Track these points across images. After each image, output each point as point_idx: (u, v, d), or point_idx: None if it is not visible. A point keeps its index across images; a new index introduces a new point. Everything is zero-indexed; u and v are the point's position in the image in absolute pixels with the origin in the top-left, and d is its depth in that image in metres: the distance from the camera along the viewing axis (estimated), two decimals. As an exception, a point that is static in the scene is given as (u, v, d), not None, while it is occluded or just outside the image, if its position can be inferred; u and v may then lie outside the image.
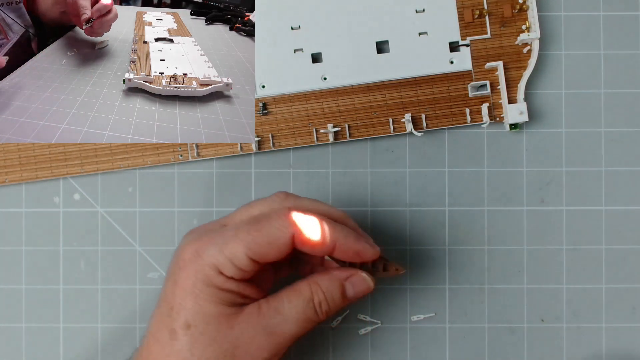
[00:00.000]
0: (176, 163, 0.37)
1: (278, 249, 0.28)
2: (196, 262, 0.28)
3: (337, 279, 0.29)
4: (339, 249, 0.28)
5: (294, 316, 0.28)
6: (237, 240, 0.27)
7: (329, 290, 0.29)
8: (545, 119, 0.37)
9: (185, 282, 0.28)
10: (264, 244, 0.27)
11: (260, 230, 0.27)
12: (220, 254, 0.27)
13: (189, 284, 0.27)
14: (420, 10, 0.36)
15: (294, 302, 0.28)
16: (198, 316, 0.27)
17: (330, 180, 0.37)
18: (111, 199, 0.37)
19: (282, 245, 0.28)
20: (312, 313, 0.28)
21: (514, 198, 0.37)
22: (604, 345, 0.37)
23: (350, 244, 0.28)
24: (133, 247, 0.37)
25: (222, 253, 0.27)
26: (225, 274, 0.27)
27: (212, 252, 0.27)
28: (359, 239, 0.29)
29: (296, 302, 0.28)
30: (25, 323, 0.37)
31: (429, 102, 0.36)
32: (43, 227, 0.37)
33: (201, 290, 0.27)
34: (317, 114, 0.37)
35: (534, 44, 0.36)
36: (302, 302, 0.28)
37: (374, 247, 0.29)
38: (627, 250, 0.37)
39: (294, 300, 0.28)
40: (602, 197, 0.37)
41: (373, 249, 0.29)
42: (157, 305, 0.29)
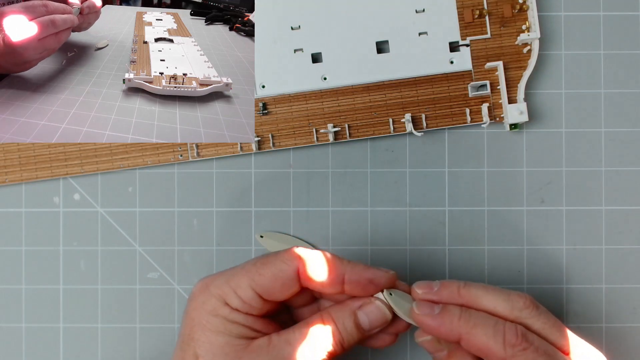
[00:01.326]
0: (176, 163, 0.37)
1: (283, 283, 0.27)
2: (203, 294, 0.28)
3: (349, 308, 0.28)
4: (349, 281, 0.28)
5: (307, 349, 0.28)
6: (242, 272, 0.28)
7: (341, 319, 0.28)
8: (545, 119, 0.37)
9: (193, 313, 0.28)
10: (269, 277, 0.27)
11: (265, 264, 0.28)
12: (226, 285, 0.28)
13: (196, 314, 0.28)
14: (420, 10, 0.36)
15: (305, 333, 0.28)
16: (205, 346, 0.27)
17: (330, 180, 0.37)
18: (111, 199, 0.37)
19: (287, 279, 0.27)
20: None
21: (514, 198, 0.37)
22: (604, 345, 0.37)
23: (360, 272, 0.28)
24: (133, 247, 0.37)
25: (227, 284, 0.28)
26: (231, 305, 0.28)
27: (218, 284, 0.28)
28: (369, 267, 0.28)
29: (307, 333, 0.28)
30: (25, 323, 0.37)
31: (429, 102, 0.36)
32: (43, 227, 0.37)
33: (208, 321, 0.27)
34: (317, 114, 0.37)
35: (534, 44, 0.36)
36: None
37: (388, 271, 0.28)
38: (627, 250, 0.37)
39: (304, 330, 0.28)
40: (602, 197, 0.37)
41: (387, 274, 0.28)
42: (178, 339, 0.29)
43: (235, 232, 0.37)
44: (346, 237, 0.37)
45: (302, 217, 0.37)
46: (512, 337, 0.26)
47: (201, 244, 0.37)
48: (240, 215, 0.37)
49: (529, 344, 0.26)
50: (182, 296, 0.37)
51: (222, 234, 0.37)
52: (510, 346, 0.26)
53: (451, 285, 0.28)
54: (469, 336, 0.27)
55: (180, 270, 0.37)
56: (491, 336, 0.26)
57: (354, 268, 0.28)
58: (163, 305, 0.37)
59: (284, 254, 0.28)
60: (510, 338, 0.26)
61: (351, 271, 0.28)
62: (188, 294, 0.37)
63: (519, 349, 0.26)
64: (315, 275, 0.28)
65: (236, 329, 0.28)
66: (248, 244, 0.37)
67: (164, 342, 0.37)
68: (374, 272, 0.28)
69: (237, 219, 0.37)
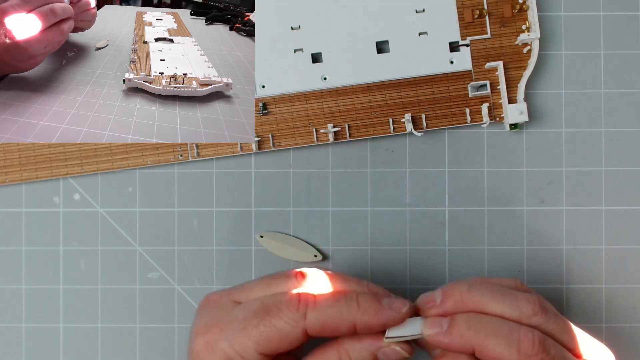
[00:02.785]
0: (176, 163, 0.37)
1: (290, 343, 0.26)
2: (208, 355, 0.27)
3: (369, 349, 0.26)
4: (360, 328, 0.26)
5: None
6: (245, 335, 0.26)
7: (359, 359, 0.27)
8: (545, 119, 0.37)
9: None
10: (275, 340, 0.26)
11: (269, 325, 0.26)
12: (231, 349, 0.26)
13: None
14: (420, 10, 0.36)
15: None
16: None
17: (330, 180, 0.37)
18: (111, 199, 0.37)
19: (295, 339, 0.26)
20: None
21: (514, 198, 0.37)
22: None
23: (370, 319, 0.26)
24: (133, 247, 0.37)
25: (232, 348, 0.26)
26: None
27: (222, 347, 0.27)
28: (380, 311, 0.26)
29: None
30: (25, 323, 0.37)
31: (429, 102, 0.36)
32: (43, 227, 0.37)
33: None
34: (317, 114, 0.37)
35: (534, 44, 0.36)
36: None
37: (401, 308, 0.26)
38: (627, 250, 0.37)
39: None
40: (602, 197, 0.37)
41: (400, 314, 0.26)
42: None
43: (235, 232, 0.37)
44: (346, 237, 0.37)
45: (302, 217, 0.37)
46: (529, 347, 0.25)
47: (201, 244, 0.37)
48: (240, 215, 0.37)
49: (545, 353, 0.25)
50: (182, 296, 0.37)
51: (222, 234, 0.37)
52: (526, 357, 0.25)
53: (454, 293, 0.27)
54: (482, 348, 0.25)
55: (180, 270, 0.37)
56: (505, 347, 0.25)
57: (364, 315, 0.26)
58: (163, 305, 0.37)
59: (288, 311, 0.26)
60: (526, 348, 0.25)
61: (361, 319, 0.26)
62: (188, 294, 0.37)
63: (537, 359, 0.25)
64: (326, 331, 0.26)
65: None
66: (248, 244, 0.37)
67: (164, 342, 0.37)
68: (387, 317, 0.26)
69: (237, 219, 0.37)
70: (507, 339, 0.25)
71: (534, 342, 0.25)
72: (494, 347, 0.25)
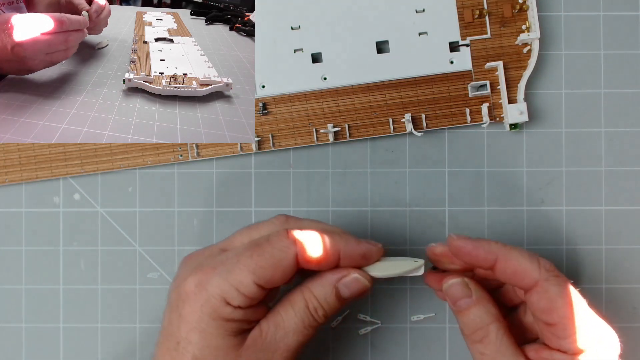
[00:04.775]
0: (176, 163, 0.37)
1: (283, 270, 0.27)
2: (200, 295, 0.27)
3: (329, 282, 0.29)
4: (343, 257, 0.28)
5: (293, 327, 0.28)
6: (241, 266, 0.27)
7: (322, 295, 0.28)
8: (545, 119, 0.37)
9: (190, 316, 0.27)
10: (269, 267, 0.27)
11: (262, 254, 0.27)
12: (226, 283, 0.27)
13: (194, 318, 0.27)
14: (420, 10, 0.36)
15: (290, 313, 0.28)
16: (206, 350, 0.27)
17: (330, 180, 0.37)
18: (111, 199, 0.37)
19: (287, 266, 0.27)
20: (310, 320, 0.28)
21: (514, 198, 0.37)
22: (604, 345, 0.37)
23: (353, 248, 0.28)
24: (133, 247, 0.37)
25: (227, 282, 0.27)
26: (232, 304, 0.27)
27: (217, 282, 0.27)
28: (361, 242, 0.28)
29: (292, 314, 0.28)
30: (25, 323, 0.37)
31: (429, 102, 0.36)
32: (43, 227, 0.37)
33: (207, 324, 0.27)
34: (317, 114, 0.37)
35: (534, 44, 0.36)
36: (299, 311, 0.28)
37: (376, 244, 0.29)
38: (627, 250, 0.37)
39: (290, 311, 0.28)
40: (602, 197, 0.37)
41: (376, 247, 0.29)
42: (161, 336, 0.29)
43: (235, 232, 0.37)
44: (346, 237, 0.37)
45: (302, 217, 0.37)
46: (547, 264, 0.28)
47: (201, 244, 0.37)
48: (240, 215, 0.37)
49: (562, 276, 0.28)
50: (182, 296, 0.37)
51: (222, 234, 0.37)
52: (545, 270, 0.28)
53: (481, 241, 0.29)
54: (506, 258, 0.28)
55: (180, 270, 0.37)
56: (527, 259, 0.28)
57: (348, 244, 0.28)
58: (163, 305, 0.37)
59: (279, 241, 0.27)
60: (545, 264, 0.28)
61: (345, 248, 0.28)
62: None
63: (553, 274, 0.28)
64: (314, 257, 0.28)
65: (234, 326, 0.27)
66: (248, 244, 0.37)
67: (164, 342, 0.37)
68: (366, 247, 0.28)
69: (237, 219, 0.37)
70: (529, 255, 0.28)
71: (552, 264, 0.28)
72: (518, 258, 0.28)
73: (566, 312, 0.27)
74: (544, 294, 0.27)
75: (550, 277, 0.27)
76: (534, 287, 0.28)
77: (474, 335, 0.28)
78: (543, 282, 0.27)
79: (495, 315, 0.28)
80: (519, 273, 0.28)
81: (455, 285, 0.29)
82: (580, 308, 0.28)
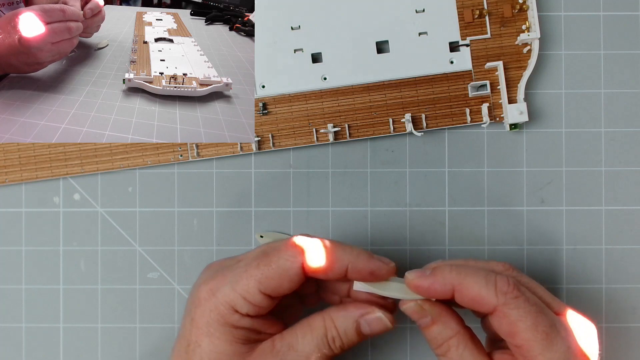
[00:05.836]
0: (176, 163, 0.37)
1: (290, 280, 0.27)
2: (210, 301, 0.28)
3: (352, 316, 0.28)
4: (351, 270, 0.28)
5: (307, 352, 0.28)
6: (247, 276, 0.27)
7: (343, 327, 0.28)
8: (545, 119, 0.37)
9: (200, 320, 0.28)
10: (275, 277, 0.27)
11: (269, 263, 0.27)
12: (233, 291, 0.27)
13: (203, 322, 0.28)
14: (420, 10, 0.36)
15: (308, 337, 0.28)
16: (212, 355, 0.27)
17: (330, 180, 0.37)
18: (111, 199, 0.37)
19: (294, 275, 0.27)
20: (326, 349, 0.28)
21: (514, 198, 0.37)
22: (604, 345, 0.37)
23: (363, 263, 0.28)
24: (133, 247, 0.37)
25: (234, 291, 0.27)
26: (240, 312, 0.27)
27: (226, 291, 0.27)
28: (371, 258, 0.28)
29: (310, 338, 0.28)
30: (25, 323, 0.37)
31: (429, 102, 0.36)
32: (43, 227, 0.37)
33: (215, 329, 0.27)
34: (317, 114, 0.37)
35: (534, 44, 0.36)
36: (316, 338, 0.28)
37: (389, 263, 0.29)
38: (627, 250, 0.37)
39: (307, 335, 0.28)
40: (602, 197, 0.37)
41: (387, 266, 0.28)
42: (177, 338, 0.29)
43: (235, 232, 0.37)
44: (346, 237, 0.37)
45: (302, 217, 0.37)
46: (504, 286, 0.27)
47: (201, 244, 0.37)
48: (240, 215, 0.37)
49: (521, 293, 0.27)
50: (182, 296, 0.37)
51: (222, 234, 0.37)
52: (503, 293, 0.27)
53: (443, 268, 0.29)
54: (462, 287, 0.27)
55: (180, 270, 0.37)
56: (483, 285, 0.27)
57: (358, 258, 0.28)
58: (163, 305, 0.37)
59: (286, 250, 0.28)
60: (502, 286, 0.27)
61: (355, 261, 0.28)
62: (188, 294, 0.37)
63: (511, 297, 0.27)
64: (320, 267, 0.28)
65: (242, 334, 0.28)
66: (248, 244, 0.37)
67: (164, 342, 0.37)
68: (376, 264, 0.28)
69: (237, 219, 0.37)
70: (485, 279, 0.27)
71: (509, 283, 0.27)
72: (472, 286, 0.27)
73: (529, 335, 0.26)
74: (504, 319, 0.27)
75: (508, 301, 0.26)
76: (494, 312, 0.27)
77: (438, 350, 0.28)
78: (501, 307, 0.27)
79: (455, 329, 0.28)
80: (476, 300, 0.27)
81: (409, 309, 0.29)
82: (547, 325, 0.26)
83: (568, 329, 0.27)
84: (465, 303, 0.28)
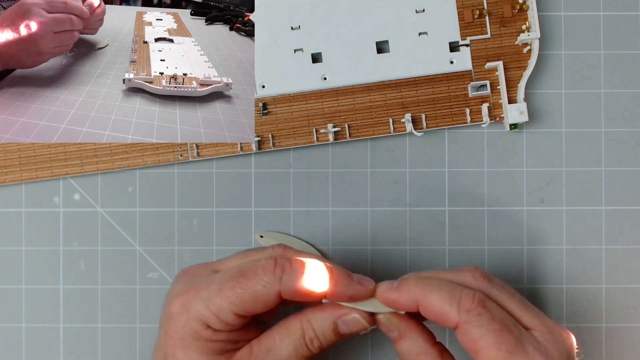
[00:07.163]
0: (176, 163, 0.37)
1: (265, 304, 0.27)
2: (183, 316, 0.28)
3: (329, 317, 0.28)
4: (331, 296, 0.28)
5: (286, 354, 0.28)
6: (222, 295, 0.27)
7: (321, 328, 0.28)
8: (545, 119, 0.37)
9: (174, 333, 0.28)
10: (250, 301, 0.27)
11: (245, 287, 0.27)
12: (206, 309, 0.27)
13: (177, 336, 0.28)
14: (420, 10, 0.36)
15: (285, 341, 0.28)
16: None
17: (330, 180, 0.37)
18: (111, 199, 0.37)
19: (269, 300, 0.27)
20: (304, 350, 0.28)
21: (514, 198, 0.37)
22: (604, 345, 0.37)
23: (342, 289, 0.28)
24: (133, 247, 0.37)
25: (208, 309, 0.27)
26: (214, 328, 0.27)
27: (199, 308, 0.27)
28: (351, 283, 0.28)
29: (287, 342, 0.28)
30: (25, 323, 0.37)
31: (429, 102, 0.36)
32: (43, 227, 0.37)
33: (190, 342, 0.27)
34: (317, 114, 0.37)
35: (534, 44, 0.36)
36: (294, 341, 0.28)
37: (368, 286, 0.28)
38: (627, 250, 0.37)
39: (285, 339, 0.28)
40: (602, 197, 0.37)
41: (366, 290, 0.28)
42: (154, 348, 0.29)
43: (235, 232, 0.37)
44: (346, 237, 0.37)
45: (302, 217, 0.37)
46: (468, 302, 0.26)
47: (201, 244, 0.37)
48: (240, 215, 0.37)
49: (485, 310, 0.26)
50: (182, 296, 0.37)
51: (222, 234, 0.37)
52: (465, 311, 0.26)
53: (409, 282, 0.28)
54: (425, 302, 0.27)
55: (180, 270, 0.37)
56: (447, 301, 0.26)
57: (337, 285, 0.28)
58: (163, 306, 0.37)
59: (264, 275, 0.27)
60: (466, 303, 0.26)
61: (333, 288, 0.28)
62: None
63: (474, 314, 0.26)
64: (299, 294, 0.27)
65: (218, 346, 0.28)
66: (248, 244, 0.37)
67: (164, 342, 0.37)
68: (355, 290, 0.28)
69: (237, 219, 0.37)
70: (449, 294, 0.27)
71: (473, 299, 0.26)
72: (436, 302, 0.27)
73: (492, 354, 0.26)
74: (466, 336, 0.26)
75: (471, 318, 0.26)
76: (457, 328, 0.27)
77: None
78: (463, 324, 0.26)
79: (423, 347, 0.28)
80: (440, 316, 0.27)
81: (379, 322, 0.29)
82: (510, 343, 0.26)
83: (538, 343, 0.26)
84: (430, 317, 0.27)
